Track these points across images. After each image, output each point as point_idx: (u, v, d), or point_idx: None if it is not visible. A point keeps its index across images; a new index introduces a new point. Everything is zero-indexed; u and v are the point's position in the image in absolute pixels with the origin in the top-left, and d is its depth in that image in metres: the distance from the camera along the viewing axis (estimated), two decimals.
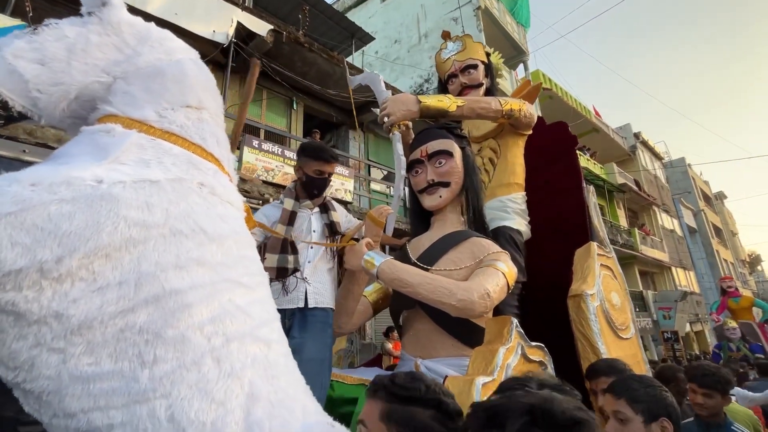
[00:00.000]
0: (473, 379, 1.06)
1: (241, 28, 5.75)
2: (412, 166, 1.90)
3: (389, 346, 5.62)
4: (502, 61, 2.85)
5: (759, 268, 34.84)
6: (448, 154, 1.81)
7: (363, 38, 8.96)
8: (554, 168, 2.48)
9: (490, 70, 2.45)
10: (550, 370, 1.29)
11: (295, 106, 7.62)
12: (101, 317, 0.71)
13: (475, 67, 2.36)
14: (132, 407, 0.70)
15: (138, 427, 0.69)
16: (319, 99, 7.74)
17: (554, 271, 1.97)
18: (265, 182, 5.57)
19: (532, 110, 2.17)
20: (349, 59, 8.29)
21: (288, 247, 1.62)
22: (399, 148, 1.81)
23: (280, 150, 6.03)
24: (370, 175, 8.27)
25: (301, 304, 1.57)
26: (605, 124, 16.20)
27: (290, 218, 1.68)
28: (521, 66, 13.22)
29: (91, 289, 0.71)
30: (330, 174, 1.75)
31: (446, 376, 1.17)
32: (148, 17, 1.11)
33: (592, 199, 2.39)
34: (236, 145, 1.38)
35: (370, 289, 1.96)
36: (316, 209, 1.78)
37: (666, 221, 18.37)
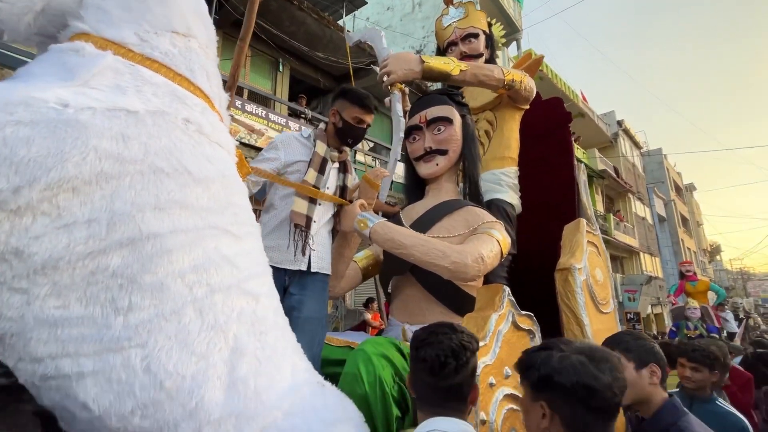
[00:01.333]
0: None
1: None
2: (410, 132, 1.83)
3: (368, 316, 5.69)
4: (502, 34, 2.77)
5: (718, 257, 37.03)
6: (448, 121, 1.74)
7: (355, 2, 8.53)
8: (547, 143, 2.46)
9: (490, 41, 2.37)
10: (538, 338, 1.30)
11: (281, 68, 7.25)
12: (68, 257, 0.64)
13: (476, 36, 2.27)
14: (104, 355, 0.64)
15: (111, 377, 0.64)
16: (307, 62, 7.38)
17: (541, 244, 1.98)
18: (245, 145, 5.35)
19: (533, 84, 2.11)
20: (339, 23, 7.91)
21: (314, 197, 1.49)
22: (399, 108, 1.73)
23: (264, 113, 5.76)
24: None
25: (304, 267, 1.47)
26: (591, 109, 16.34)
27: (322, 165, 1.53)
28: (514, 44, 13.02)
29: (55, 225, 0.63)
30: (368, 126, 1.63)
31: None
32: None
33: (582, 177, 2.40)
34: (234, 88, 1.24)
35: (360, 255, 1.92)
36: (337, 164, 1.63)
37: (639, 209, 19.05)
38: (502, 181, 2.06)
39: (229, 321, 0.73)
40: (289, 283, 1.46)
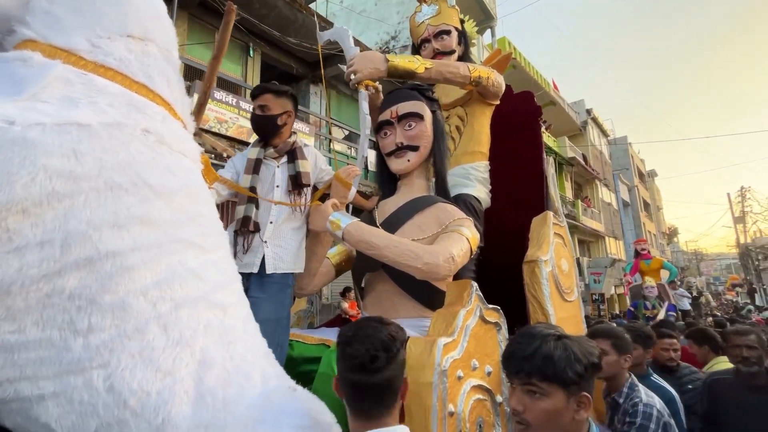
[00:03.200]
0: (435, 339, 1.09)
1: None
2: (380, 127, 1.83)
3: (345, 305, 5.73)
4: (476, 29, 2.79)
5: (675, 239, 39.40)
6: (419, 116, 1.76)
7: None
8: (517, 137, 2.51)
9: (463, 38, 2.40)
10: (504, 330, 1.36)
11: (251, 53, 6.97)
12: (21, 281, 0.61)
13: (448, 33, 2.29)
14: (65, 377, 0.63)
15: (73, 398, 0.63)
16: (279, 48, 7.13)
17: (511, 237, 2.05)
18: (216, 134, 5.17)
19: (501, 80, 2.15)
20: (312, 6, 7.65)
21: (254, 198, 1.52)
22: (365, 106, 1.73)
23: (234, 100, 5.56)
24: (331, 134, 7.95)
25: (255, 270, 1.48)
26: (562, 98, 16.73)
27: (255, 167, 1.56)
28: (488, 32, 13.06)
29: (5, 249, 0.61)
30: (262, 107, 1.59)
31: (408, 337, 1.19)
32: None
33: (551, 170, 2.48)
34: (204, 109, 1.17)
35: (333, 251, 1.93)
36: (284, 159, 1.62)
37: (605, 195, 19.88)
38: (471, 175, 2.10)
39: (196, 334, 0.72)
40: (248, 285, 1.46)
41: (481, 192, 2.09)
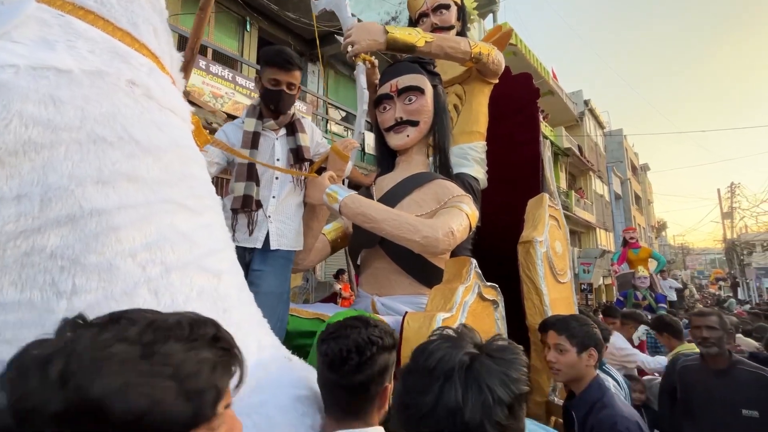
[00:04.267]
0: (434, 314, 1.08)
1: None
2: (379, 101, 1.78)
3: (338, 287, 5.73)
4: (475, 5, 2.73)
5: (663, 233, 40.03)
6: (420, 90, 1.71)
7: None
8: (514, 119, 2.49)
9: (462, 13, 2.34)
10: (501, 308, 1.35)
11: (248, 27, 6.76)
12: None
13: (447, 7, 2.23)
14: None
15: None
16: (276, 23, 6.92)
17: (507, 218, 2.04)
18: (211, 111, 5.04)
19: (501, 58, 2.10)
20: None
21: (255, 174, 1.43)
22: (362, 80, 1.67)
23: (230, 75, 5.40)
24: (328, 114, 7.81)
25: (259, 245, 1.42)
26: (560, 87, 16.60)
27: (253, 140, 1.45)
28: (490, 16, 12.81)
29: None
30: (290, 85, 1.47)
31: (406, 312, 1.17)
32: None
33: (547, 153, 2.46)
34: (192, 66, 1.09)
35: (329, 227, 1.90)
36: (282, 131, 1.54)
37: (598, 186, 20.00)
38: (469, 155, 2.07)
39: (189, 300, 0.69)
40: (250, 259, 1.43)
41: (479, 173, 2.07)
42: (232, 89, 5.35)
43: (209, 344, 0.45)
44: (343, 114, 7.95)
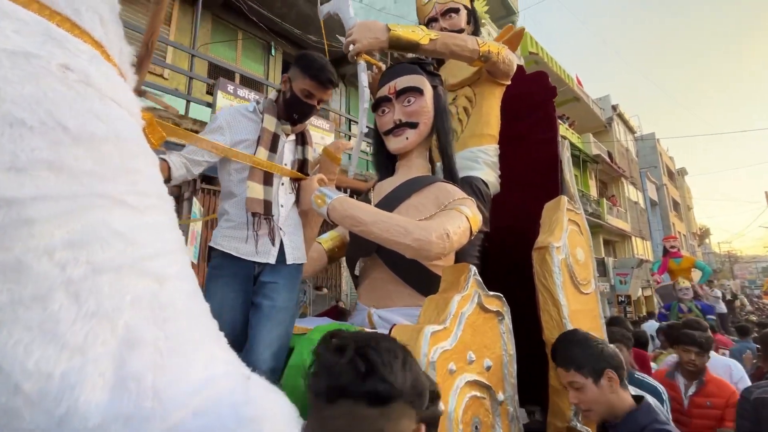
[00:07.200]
0: (422, 327, 0.95)
1: None
2: (378, 104, 1.70)
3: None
4: (486, 9, 2.65)
5: (707, 240, 37.48)
6: (418, 91, 1.62)
7: None
8: (530, 119, 2.35)
9: (473, 16, 2.26)
10: (507, 321, 1.20)
11: (273, 52, 7.08)
12: None
13: (456, 11, 2.16)
14: None
15: None
16: (299, 46, 7.16)
17: (521, 223, 1.89)
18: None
19: (512, 57, 1.99)
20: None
21: (272, 179, 1.32)
22: (363, 78, 1.59)
23: (257, 98, 5.65)
24: (350, 131, 7.93)
25: (272, 260, 1.30)
26: (586, 93, 16.16)
27: (273, 143, 1.34)
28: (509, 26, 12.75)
29: None
30: (321, 102, 1.39)
31: (393, 325, 1.05)
32: None
33: (566, 153, 2.29)
34: (147, 61, 1.02)
35: (325, 236, 1.82)
36: (292, 137, 1.44)
37: (632, 193, 19.10)
38: (479, 159, 1.95)
39: (120, 307, 0.61)
40: (260, 272, 1.33)
41: (490, 176, 1.94)
42: None
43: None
44: (366, 130, 8.04)
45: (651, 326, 5.46)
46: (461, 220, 1.26)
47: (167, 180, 1.25)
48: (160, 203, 0.75)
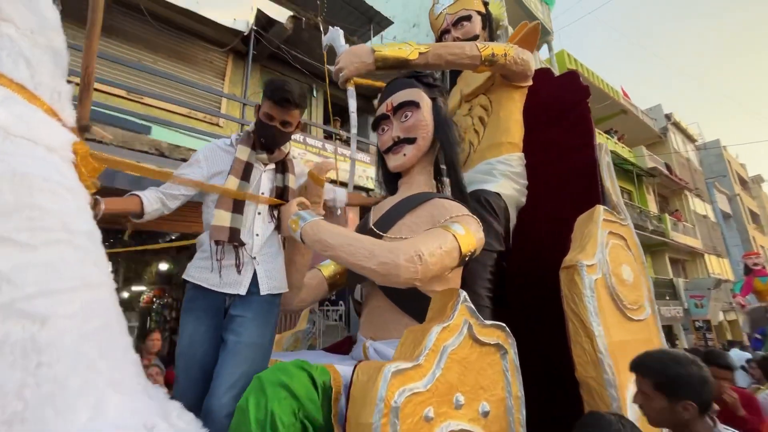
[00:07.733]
0: (383, 366, 0.76)
1: (261, 15, 5.66)
2: (378, 123, 1.61)
3: None
4: (503, 10, 2.53)
5: None
6: (414, 105, 1.51)
7: (381, 23, 8.64)
8: (563, 124, 2.11)
9: (488, 21, 2.16)
10: (512, 355, 0.97)
11: (315, 93, 7.51)
12: None
13: (468, 18, 2.09)
14: None
15: None
16: (337, 86, 7.53)
17: (554, 238, 1.63)
18: None
19: (526, 56, 1.82)
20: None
21: (242, 207, 1.28)
22: (352, 104, 1.61)
23: (302, 138, 5.95)
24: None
25: (243, 291, 1.24)
26: (634, 105, 15.22)
27: (245, 171, 1.30)
28: (545, 47, 12.46)
29: None
30: (285, 123, 1.33)
31: (358, 362, 0.88)
32: (168, 6, 0.87)
33: (606, 158, 2.01)
34: (87, 95, 1.00)
35: (327, 262, 1.68)
36: (271, 166, 1.41)
37: (699, 206, 17.27)
38: (495, 170, 1.76)
39: None
40: (230, 304, 1.24)
41: (506, 188, 1.72)
42: (303, 149, 5.86)
43: None
44: (357, 156, 8.26)
45: (737, 355, 4.63)
46: (444, 239, 1.07)
47: (139, 215, 1.24)
48: (68, 238, 0.71)
